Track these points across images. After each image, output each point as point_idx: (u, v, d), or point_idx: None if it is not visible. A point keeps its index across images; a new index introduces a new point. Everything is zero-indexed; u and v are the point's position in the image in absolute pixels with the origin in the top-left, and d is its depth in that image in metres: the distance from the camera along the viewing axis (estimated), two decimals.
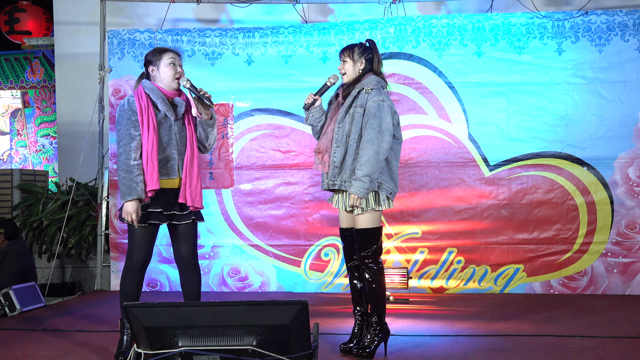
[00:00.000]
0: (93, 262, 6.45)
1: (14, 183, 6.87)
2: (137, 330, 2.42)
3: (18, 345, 3.91)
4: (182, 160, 3.49)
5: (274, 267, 5.87)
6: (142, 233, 3.47)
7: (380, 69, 3.60)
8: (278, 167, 5.88)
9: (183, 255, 3.56)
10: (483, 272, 5.62)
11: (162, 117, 3.47)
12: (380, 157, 3.39)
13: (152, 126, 3.41)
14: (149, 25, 6.90)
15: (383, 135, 3.39)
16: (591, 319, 4.49)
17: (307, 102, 3.67)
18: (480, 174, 5.67)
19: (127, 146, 3.40)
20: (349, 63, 3.56)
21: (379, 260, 3.52)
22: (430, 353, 3.62)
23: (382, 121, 3.40)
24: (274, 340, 2.39)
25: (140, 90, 3.49)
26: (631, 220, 5.50)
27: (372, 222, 3.48)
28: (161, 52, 3.53)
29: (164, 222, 3.49)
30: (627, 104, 5.53)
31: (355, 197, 3.39)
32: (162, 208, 3.46)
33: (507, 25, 5.65)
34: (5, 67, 9.34)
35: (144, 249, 3.51)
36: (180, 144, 3.51)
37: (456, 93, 5.70)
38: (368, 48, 3.58)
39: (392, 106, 3.49)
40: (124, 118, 3.44)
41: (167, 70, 3.49)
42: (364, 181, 3.36)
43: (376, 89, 3.48)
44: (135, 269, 3.51)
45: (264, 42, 5.91)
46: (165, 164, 3.45)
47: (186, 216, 3.51)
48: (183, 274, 3.60)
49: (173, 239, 3.59)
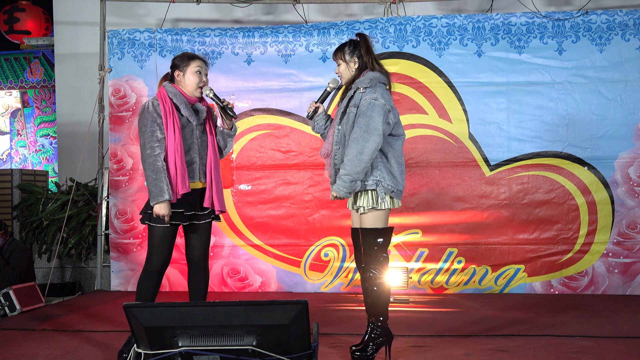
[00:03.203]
0: (93, 262, 6.45)
1: (14, 183, 6.87)
2: (137, 330, 2.42)
3: (18, 345, 3.91)
4: (203, 165, 3.54)
5: (274, 267, 5.86)
6: (164, 234, 3.49)
7: (373, 62, 3.48)
8: (278, 167, 5.88)
9: (195, 254, 3.61)
10: (483, 272, 5.62)
11: (184, 122, 3.50)
12: (363, 157, 3.28)
13: (177, 130, 3.44)
14: (149, 25, 6.91)
15: (369, 135, 3.29)
16: (591, 319, 4.49)
17: (309, 111, 3.63)
18: (480, 174, 5.67)
19: (153, 149, 3.41)
20: (343, 65, 3.50)
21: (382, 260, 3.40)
22: (430, 353, 3.61)
23: (371, 120, 3.30)
24: (274, 340, 2.39)
25: (163, 94, 3.51)
26: (632, 220, 5.50)
27: (375, 222, 3.40)
28: (189, 59, 3.55)
29: (185, 222, 3.52)
30: (628, 104, 5.53)
31: (335, 195, 3.35)
32: (184, 209, 3.49)
33: (507, 25, 5.65)
34: (5, 67, 9.34)
35: (164, 250, 3.52)
36: (202, 149, 3.55)
37: (456, 93, 5.70)
38: (357, 44, 3.49)
39: (385, 104, 3.36)
40: (148, 120, 3.44)
41: (193, 77, 3.51)
42: (344, 180, 3.30)
43: (371, 87, 3.39)
44: (155, 270, 3.52)
45: (263, 41, 5.91)
46: (187, 168, 3.48)
47: (206, 215, 3.57)
48: (192, 273, 3.64)
49: (188, 237, 3.62)
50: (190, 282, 3.64)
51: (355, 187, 3.33)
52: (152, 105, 3.47)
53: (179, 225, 3.53)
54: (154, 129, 3.42)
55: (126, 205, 5.98)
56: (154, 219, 3.45)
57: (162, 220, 3.43)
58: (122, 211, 6.01)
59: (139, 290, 3.54)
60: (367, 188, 3.37)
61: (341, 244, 5.76)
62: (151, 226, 3.49)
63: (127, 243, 5.99)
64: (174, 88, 3.53)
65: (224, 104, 3.51)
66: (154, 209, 3.39)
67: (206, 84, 3.56)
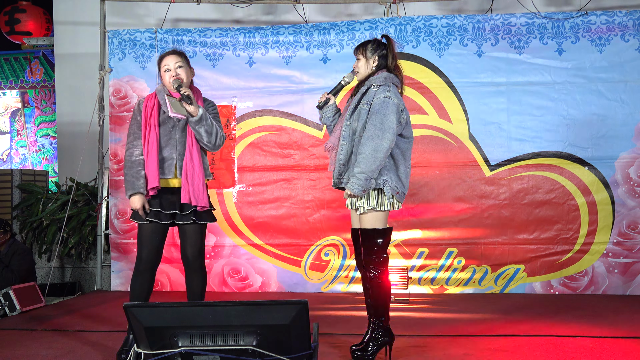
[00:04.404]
0: (93, 262, 6.45)
1: (14, 183, 6.87)
2: (137, 330, 2.42)
3: (18, 345, 3.91)
4: (181, 161, 3.55)
5: (274, 267, 5.87)
6: (148, 231, 3.53)
7: (394, 66, 3.49)
8: (279, 167, 5.88)
9: (188, 255, 3.60)
10: (483, 272, 5.62)
11: (165, 118, 3.56)
12: (378, 155, 3.29)
13: (152, 125, 3.52)
14: (149, 25, 6.91)
15: (384, 133, 3.29)
16: (591, 319, 4.49)
17: (320, 100, 3.63)
18: (480, 174, 5.67)
19: (130, 143, 3.58)
20: (362, 60, 3.50)
21: (382, 261, 3.40)
22: (430, 353, 3.61)
23: (385, 118, 3.30)
24: (274, 340, 2.39)
25: (154, 92, 3.65)
26: (632, 220, 5.50)
27: (375, 223, 3.40)
28: (160, 59, 3.65)
29: (165, 221, 3.53)
30: (628, 104, 5.53)
31: (349, 194, 3.35)
32: (161, 207, 3.52)
33: (507, 26, 5.65)
34: (5, 67, 9.34)
35: (151, 248, 3.54)
36: (180, 145, 3.56)
37: (456, 93, 5.70)
38: (382, 44, 3.50)
39: (399, 104, 3.37)
40: (133, 119, 3.62)
41: (165, 77, 3.61)
42: (359, 178, 3.29)
43: (385, 85, 3.39)
44: (144, 269, 3.54)
45: (264, 42, 5.91)
46: (162, 163, 3.53)
47: (187, 217, 3.55)
48: (188, 274, 3.64)
49: (180, 239, 3.64)
50: (188, 283, 3.65)
51: (370, 185, 3.32)
52: (138, 103, 3.64)
53: (167, 224, 3.55)
54: (134, 125, 3.59)
55: (126, 205, 5.98)
56: (138, 216, 3.54)
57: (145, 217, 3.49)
58: (122, 211, 6.01)
59: (132, 290, 3.56)
60: (374, 187, 3.36)
61: (341, 244, 5.76)
62: (139, 224, 3.56)
63: (127, 243, 5.99)
64: (162, 86, 3.65)
65: (181, 92, 3.47)
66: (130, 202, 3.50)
67: (179, 75, 3.55)
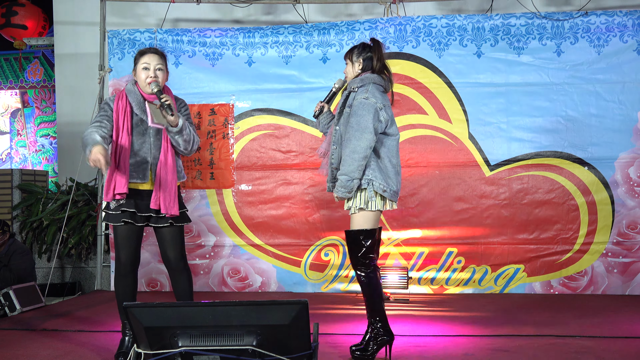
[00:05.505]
0: (93, 262, 6.45)
1: (14, 183, 6.87)
2: (137, 330, 2.42)
3: (18, 345, 3.90)
4: (156, 165, 3.44)
5: (274, 267, 5.87)
6: (124, 233, 3.44)
7: (379, 68, 3.51)
8: (278, 167, 5.88)
9: (170, 259, 3.53)
10: (483, 272, 5.62)
11: (137, 121, 3.45)
12: (355, 156, 3.33)
13: (125, 129, 3.40)
14: (149, 25, 6.91)
15: (361, 134, 3.33)
16: (591, 319, 4.49)
17: (316, 110, 3.72)
18: (480, 174, 5.67)
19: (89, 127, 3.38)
20: (349, 65, 3.58)
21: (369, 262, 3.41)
22: (430, 353, 3.61)
23: (361, 119, 3.35)
24: (274, 340, 2.39)
25: (123, 91, 3.50)
26: (632, 220, 5.50)
27: (363, 223, 3.42)
28: (140, 55, 3.50)
29: (140, 223, 3.45)
30: (626, 105, 5.53)
31: (336, 196, 3.42)
32: (136, 209, 3.42)
33: (506, 26, 5.66)
34: (5, 67, 9.33)
35: (129, 250, 3.46)
36: (155, 149, 3.46)
37: (456, 93, 5.70)
38: (368, 47, 3.54)
39: (376, 102, 3.38)
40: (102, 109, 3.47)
41: (141, 74, 3.46)
42: (341, 179, 3.37)
43: (363, 86, 3.45)
44: (125, 271, 3.48)
45: (264, 42, 5.91)
46: (137, 168, 3.42)
47: (163, 219, 3.47)
48: (173, 276, 3.58)
49: (158, 242, 3.56)
50: (174, 285, 3.57)
51: (353, 186, 3.37)
52: (108, 99, 3.50)
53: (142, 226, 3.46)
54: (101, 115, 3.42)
55: None
56: (112, 218, 3.42)
57: (118, 218, 3.38)
58: None
59: (117, 293, 3.50)
60: (361, 187, 3.41)
61: (341, 244, 5.76)
62: (114, 226, 3.45)
63: None
64: (133, 86, 3.49)
65: (162, 100, 3.35)
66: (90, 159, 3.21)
67: (158, 78, 3.43)
